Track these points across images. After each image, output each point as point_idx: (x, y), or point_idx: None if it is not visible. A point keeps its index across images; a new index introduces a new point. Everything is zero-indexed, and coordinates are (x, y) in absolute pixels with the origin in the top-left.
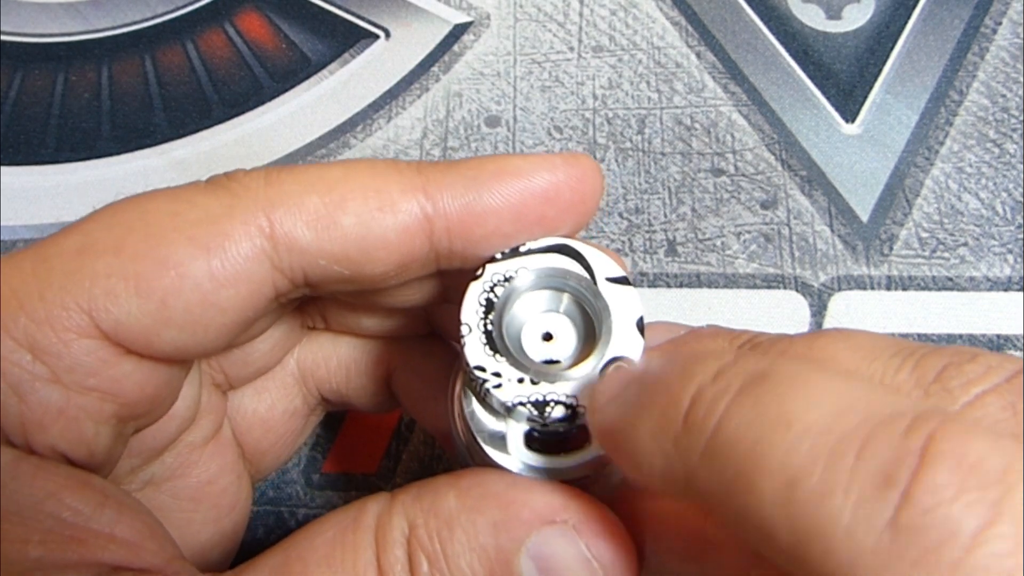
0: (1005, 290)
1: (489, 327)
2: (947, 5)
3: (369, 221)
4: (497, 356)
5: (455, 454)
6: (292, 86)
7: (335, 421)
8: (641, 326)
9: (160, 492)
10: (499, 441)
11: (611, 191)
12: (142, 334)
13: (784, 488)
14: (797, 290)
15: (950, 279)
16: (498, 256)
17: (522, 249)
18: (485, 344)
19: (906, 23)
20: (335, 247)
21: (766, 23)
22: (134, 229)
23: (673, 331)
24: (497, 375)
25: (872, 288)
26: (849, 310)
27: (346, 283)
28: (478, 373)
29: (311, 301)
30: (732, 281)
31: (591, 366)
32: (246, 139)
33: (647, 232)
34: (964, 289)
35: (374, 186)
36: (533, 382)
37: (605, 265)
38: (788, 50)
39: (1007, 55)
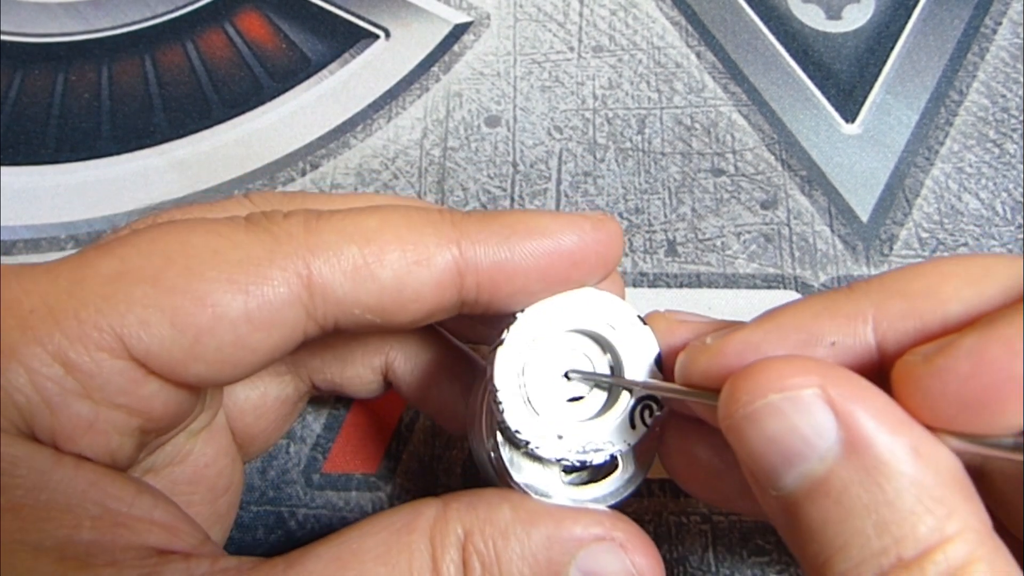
0: None
1: (522, 388)
2: (947, 5)
3: (405, 275)
4: (535, 416)
5: (475, 457)
6: (292, 86)
7: (335, 421)
8: (660, 363)
9: (159, 478)
10: (540, 482)
11: (611, 191)
12: (170, 364)
13: None
14: (797, 290)
15: None
16: (518, 316)
17: (540, 306)
18: (522, 406)
19: (906, 23)
20: (371, 299)
21: (766, 23)
22: (174, 261)
23: (696, 317)
24: (537, 435)
25: None
26: None
27: (375, 328)
28: (520, 436)
29: None
30: (732, 281)
31: (621, 410)
32: (246, 139)
33: (647, 232)
34: None
35: (411, 239)
36: (572, 436)
37: (619, 309)
38: (788, 50)
39: (1007, 55)
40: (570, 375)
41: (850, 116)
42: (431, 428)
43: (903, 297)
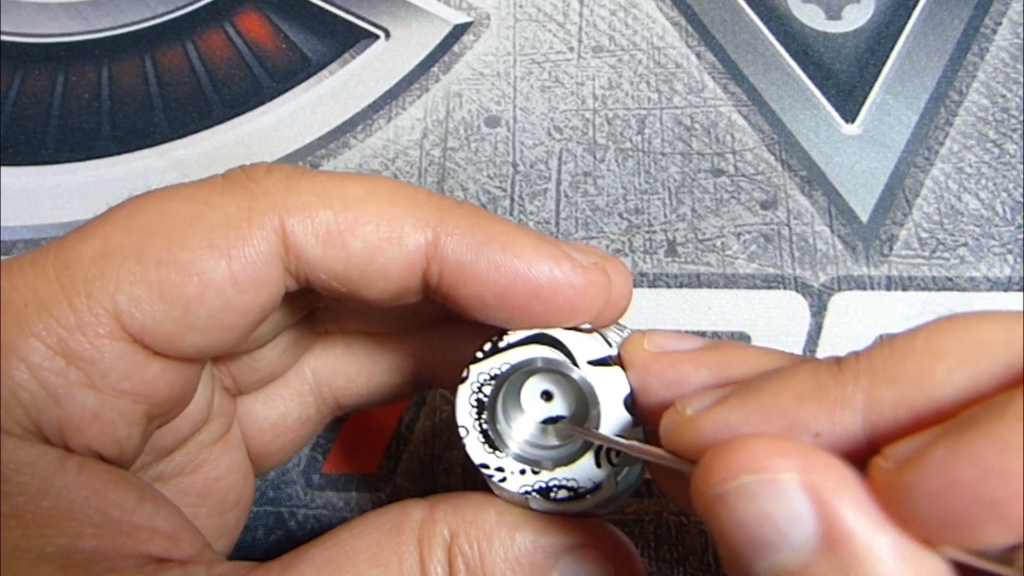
0: (1005, 290)
1: (484, 426)
2: (947, 5)
3: (375, 249)
4: (497, 452)
5: None
6: (292, 86)
7: (335, 421)
8: (628, 404)
9: (168, 487)
10: (520, 500)
11: (611, 191)
12: (166, 338)
13: None
14: (797, 290)
15: (950, 279)
16: (479, 356)
17: (502, 345)
18: (484, 443)
19: (906, 23)
20: (338, 266)
21: (766, 23)
22: (154, 234)
23: (677, 343)
24: (500, 470)
25: (872, 288)
26: (849, 310)
27: (342, 297)
28: (483, 471)
29: (323, 308)
30: (732, 281)
31: (587, 447)
32: (246, 139)
33: (647, 232)
34: (964, 289)
35: (389, 214)
36: (534, 471)
37: (585, 349)
38: (788, 50)
39: (1007, 55)
40: (550, 402)
41: (850, 116)
42: (431, 428)
43: (893, 383)
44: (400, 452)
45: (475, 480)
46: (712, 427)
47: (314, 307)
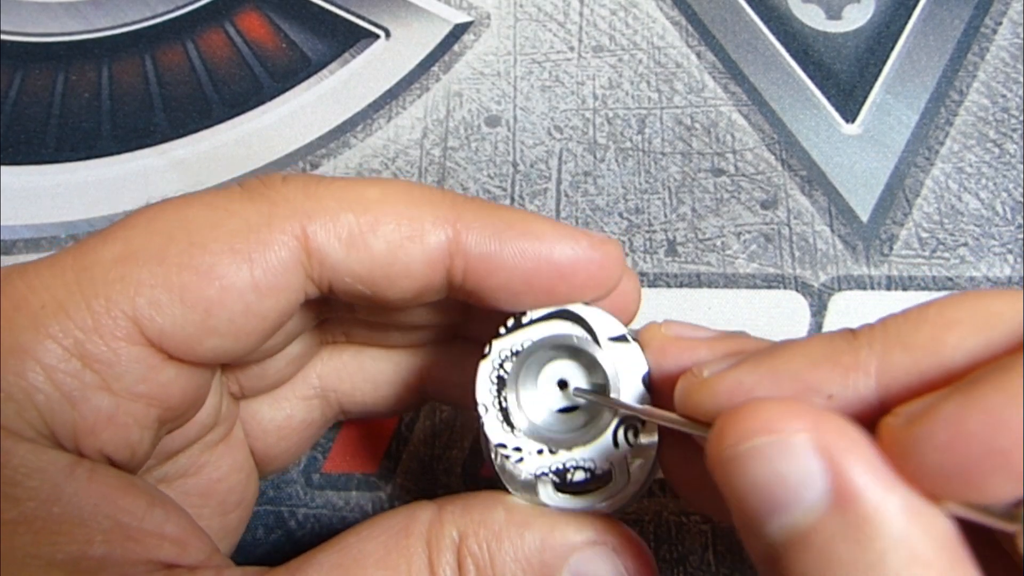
0: None
1: (504, 403)
2: (947, 5)
3: (397, 249)
4: (515, 431)
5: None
6: (292, 86)
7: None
8: (647, 382)
9: (171, 488)
10: (531, 489)
11: (611, 191)
12: (185, 342)
13: None
14: (797, 290)
15: (950, 279)
16: (502, 331)
17: (524, 320)
18: (502, 421)
19: (906, 23)
20: (362, 268)
21: (766, 23)
22: (175, 238)
23: (693, 332)
24: (518, 449)
25: (872, 288)
26: (849, 310)
27: (365, 300)
28: (500, 450)
29: (333, 320)
30: (732, 281)
31: (604, 428)
32: (246, 139)
33: (647, 232)
34: (964, 289)
35: (408, 213)
36: (552, 451)
37: (606, 325)
38: (788, 50)
39: (1007, 55)
40: (565, 391)
41: (850, 116)
42: (431, 428)
43: (906, 349)
44: (400, 452)
45: (476, 480)
46: (726, 388)
47: (325, 318)
